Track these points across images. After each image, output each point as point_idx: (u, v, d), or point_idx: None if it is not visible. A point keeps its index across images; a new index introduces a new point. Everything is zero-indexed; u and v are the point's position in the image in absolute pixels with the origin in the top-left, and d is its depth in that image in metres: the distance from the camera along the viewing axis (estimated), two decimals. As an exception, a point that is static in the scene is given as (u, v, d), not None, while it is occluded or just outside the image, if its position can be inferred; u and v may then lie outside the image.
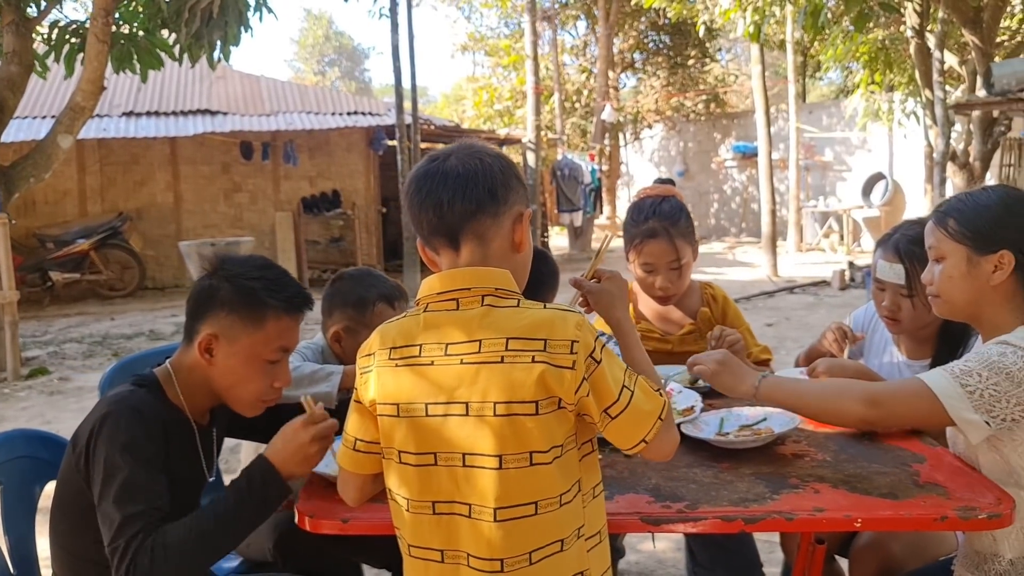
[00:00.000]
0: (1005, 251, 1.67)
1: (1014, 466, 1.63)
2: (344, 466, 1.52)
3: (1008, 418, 1.57)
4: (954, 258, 1.73)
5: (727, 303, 2.60)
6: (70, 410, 5.97)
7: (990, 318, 1.72)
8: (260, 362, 1.71)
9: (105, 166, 12.53)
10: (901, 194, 14.98)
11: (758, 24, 8.93)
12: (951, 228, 1.73)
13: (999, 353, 1.59)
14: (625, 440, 1.39)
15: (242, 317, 1.68)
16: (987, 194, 1.76)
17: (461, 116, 24.16)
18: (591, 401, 1.34)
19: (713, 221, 19.81)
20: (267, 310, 1.69)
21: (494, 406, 1.32)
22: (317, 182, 13.05)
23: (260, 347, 1.70)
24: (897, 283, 2.17)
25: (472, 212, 1.40)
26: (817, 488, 1.62)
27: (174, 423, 1.70)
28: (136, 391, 1.67)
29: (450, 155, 1.45)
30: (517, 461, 1.32)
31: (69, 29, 6.70)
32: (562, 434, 1.34)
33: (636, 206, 2.49)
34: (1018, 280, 1.69)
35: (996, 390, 1.56)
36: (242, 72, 14.45)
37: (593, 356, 1.34)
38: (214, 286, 1.70)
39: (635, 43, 21.34)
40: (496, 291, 1.39)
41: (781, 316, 9.04)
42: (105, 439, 1.56)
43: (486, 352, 1.33)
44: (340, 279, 2.38)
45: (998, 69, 9.04)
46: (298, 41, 46.88)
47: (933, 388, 1.61)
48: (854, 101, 14.52)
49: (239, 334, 1.69)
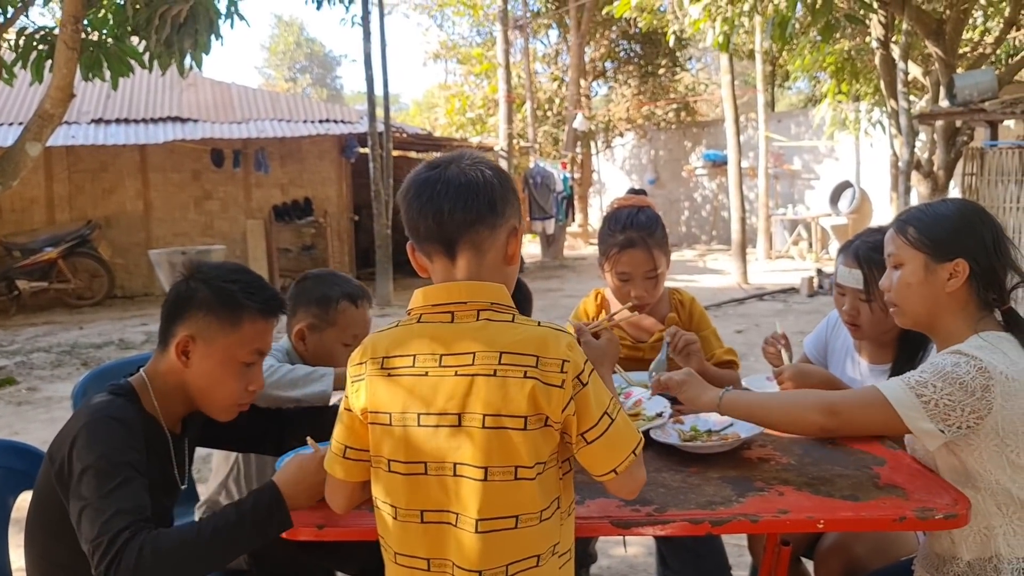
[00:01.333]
0: (960, 259, 1.74)
1: (971, 469, 1.69)
2: (333, 474, 1.52)
3: (963, 426, 1.63)
4: (912, 265, 1.79)
5: (694, 306, 2.64)
6: (39, 420, 5.90)
7: (944, 326, 1.78)
8: (235, 364, 1.73)
9: (74, 173, 12.40)
10: (868, 202, 15.21)
11: (727, 34, 9.04)
12: (910, 236, 1.80)
13: (953, 363, 1.65)
14: (596, 466, 1.41)
15: (219, 318, 1.71)
16: (946, 205, 1.84)
17: (433, 124, 24.18)
18: (574, 421, 1.37)
19: (684, 229, 19.97)
20: (244, 312, 1.72)
21: (483, 418, 1.34)
22: (289, 190, 13.01)
23: (236, 349, 1.72)
24: (856, 288, 2.24)
25: (472, 222, 1.43)
26: (781, 491, 1.67)
27: (150, 431, 1.70)
28: (113, 400, 1.67)
29: (451, 163, 1.47)
30: (503, 474, 1.34)
31: (37, 36, 6.64)
32: (547, 451, 1.37)
33: (612, 216, 2.52)
34: (971, 289, 1.75)
35: (950, 400, 1.62)
36: (213, 79, 14.38)
37: (580, 378, 1.37)
38: (192, 288, 1.72)
39: (606, 52, 21.50)
40: (492, 305, 1.42)
41: (751, 323, 9.14)
42: (86, 448, 1.56)
43: (479, 364, 1.35)
44: (304, 279, 2.41)
45: (960, 80, 9.23)
46: (269, 48, 46.65)
47: (889, 398, 1.67)
48: (822, 110, 14.73)
49: (216, 335, 1.71)
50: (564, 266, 16.01)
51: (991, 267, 1.75)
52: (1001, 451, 1.64)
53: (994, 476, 1.66)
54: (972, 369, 1.62)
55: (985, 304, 1.76)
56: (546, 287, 12.81)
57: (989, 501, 1.65)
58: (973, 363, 1.63)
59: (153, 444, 1.70)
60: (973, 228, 1.76)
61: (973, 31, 12.72)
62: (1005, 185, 8.56)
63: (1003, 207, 8.58)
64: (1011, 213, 8.52)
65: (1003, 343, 1.69)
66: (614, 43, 21.53)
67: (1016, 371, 1.63)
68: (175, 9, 6.05)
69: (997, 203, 8.61)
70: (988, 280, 1.75)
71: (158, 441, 1.73)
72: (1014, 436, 1.63)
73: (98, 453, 1.55)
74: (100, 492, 1.50)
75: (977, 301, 1.76)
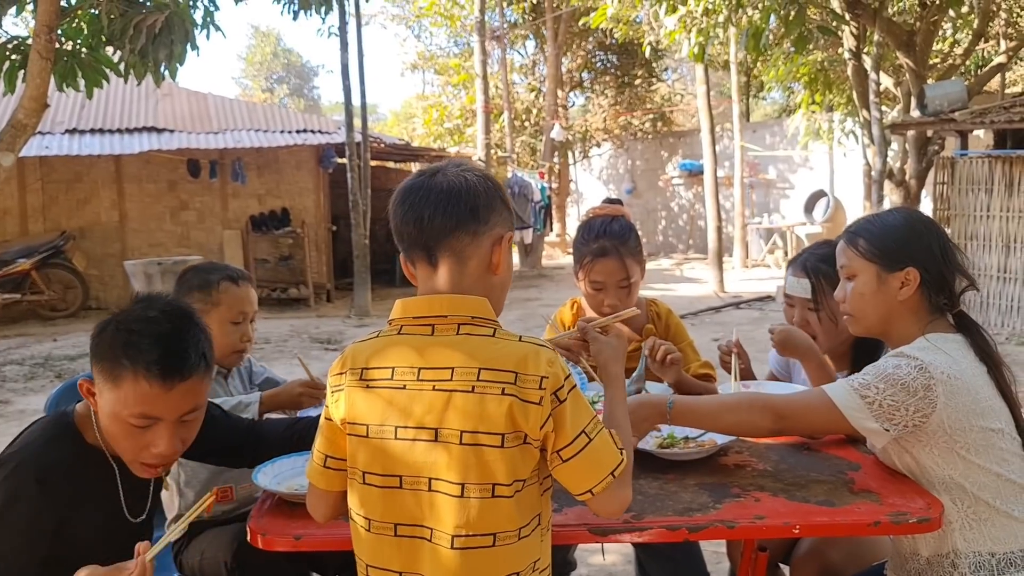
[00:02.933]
0: (911, 268, 1.79)
1: (924, 466, 1.73)
2: (315, 483, 1.51)
3: (908, 424, 1.67)
4: (865, 275, 1.85)
5: (670, 317, 2.66)
6: (10, 434, 5.77)
7: (898, 331, 1.84)
8: (123, 423, 1.54)
9: (47, 184, 12.27)
10: (842, 211, 15.38)
11: (702, 45, 9.13)
12: (861, 247, 1.85)
13: (894, 365, 1.70)
14: (573, 485, 1.40)
15: (102, 371, 1.55)
16: (893, 215, 1.90)
17: (411, 134, 24.17)
18: (552, 437, 1.36)
19: (661, 238, 20.08)
20: (122, 370, 1.52)
21: (460, 434, 1.33)
22: (266, 200, 12.94)
23: (119, 407, 1.54)
24: (804, 297, 2.29)
25: (450, 228, 1.42)
26: (758, 496, 1.69)
27: (89, 468, 1.62)
28: (50, 438, 1.60)
29: (438, 171, 1.47)
30: (479, 491, 1.33)
31: (10, 46, 6.58)
32: (526, 469, 1.36)
33: (586, 225, 2.54)
34: (922, 295, 1.81)
35: (894, 400, 1.66)
36: (189, 89, 14.28)
37: (558, 394, 1.35)
38: (102, 326, 1.58)
39: (583, 63, 21.61)
40: (472, 319, 1.41)
41: (727, 331, 9.17)
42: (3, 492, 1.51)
43: (458, 380, 1.35)
44: (186, 271, 2.43)
45: (931, 91, 9.38)
46: (246, 58, 46.38)
47: (834, 400, 1.71)
48: (796, 120, 14.91)
49: (102, 387, 1.55)
50: (542, 275, 16.04)
51: (940, 274, 1.81)
52: (951, 448, 1.69)
53: (947, 472, 1.70)
54: (913, 370, 1.67)
55: (936, 309, 1.82)
56: (524, 296, 12.84)
57: (944, 497, 1.69)
58: (914, 363, 1.68)
59: (95, 481, 1.62)
60: (921, 237, 1.82)
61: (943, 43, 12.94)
62: (976, 194, 8.70)
63: (974, 215, 8.71)
64: (982, 221, 8.65)
65: (948, 344, 1.74)
66: (591, 54, 21.65)
67: (958, 370, 1.68)
68: (150, 19, 6.01)
69: (968, 211, 8.75)
70: (938, 286, 1.81)
71: (99, 476, 1.63)
72: (962, 433, 1.67)
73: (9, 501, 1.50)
74: None
75: (928, 306, 1.81)
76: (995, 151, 8.78)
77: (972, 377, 1.70)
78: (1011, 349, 7.57)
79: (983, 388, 1.71)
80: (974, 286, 1.86)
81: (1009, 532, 1.68)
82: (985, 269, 8.54)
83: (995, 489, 1.69)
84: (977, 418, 1.68)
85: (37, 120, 6.32)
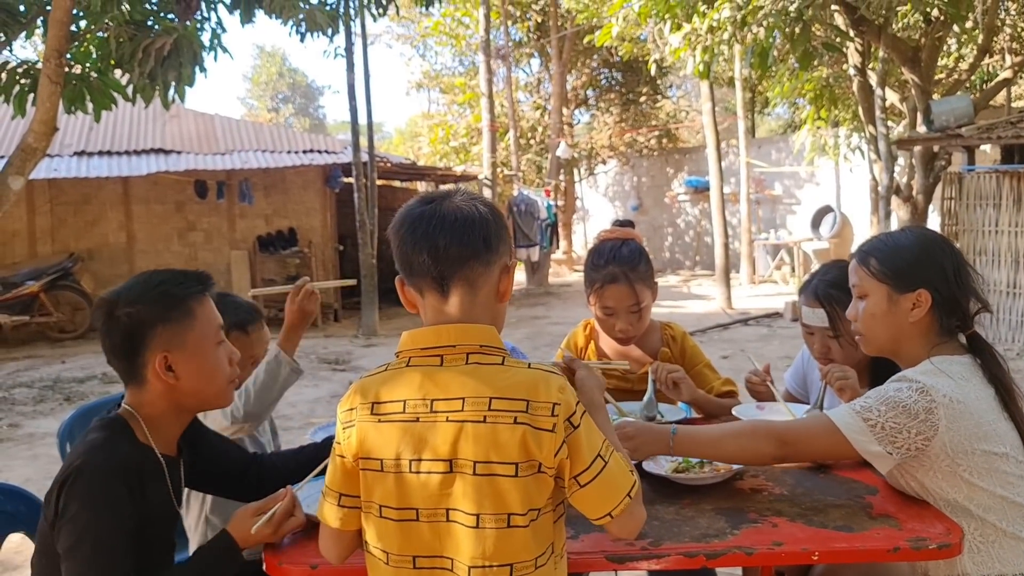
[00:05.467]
0: (923, 290, 1.78)
1: (929, 489, 1.72)
2: (328, 523, 1.48)
3: (911, 448, 1.66)
4: (876, 296, 1.84)
5: (685, 341, 2.66)
6: (21, 458, 5.82)
7: (908, 352, 1.83)
8: (212, 349, 1.74)
9: (56, 206, 12.33)
10: (849, 226, 15.35)
11: (708, 62, 9.15)
12: (873, 267, 1.84)
13: (895, 389, 1.69)
14: (591, 510, 1.39)
15: (175, 320, 1.69)
16: (906, 235, 1.89)
17: (417, 153, 24.26)
18: (567, 464, 1.35)
19: (667, 254, 20.07)
20: (189, 301, 1.72)
21: (474, 464, 1.33)
22: (273, 220, 12.98)
23: (204, 335, 1.73)
24: (822, 327, 2.27)
25: (467, 258, 1.41)
26: (775, 522, 1.67)
27: (146, 465, 1.69)
28: (109, 439, 1.65)
29: (445, 199, 1.46)
30: (495, 521, 1.32)
31: (20, 70, 6.63)
32: (541, 498, 1.35)
33: (596, 250, 2.54)
34: (934, 317, 1.79)
35: (896, 423, 1.65)
36: (196, 111, 14.37)
37: (571, 420, 1.35)
38: (130, 316, 1.67)
39: (588, 80, 21.69)
40: (481, 348, 1.40)
41: (736, 348, 9.17)
42: (75, 497, 1.55)
43: (469, 411, 1.34)
44: None
45: (937, 106, 9.38)
46: (251, 78, 46.72)
47: (838, 424, 1.70)
48: (801, 136, 14.91)
49: (184, 337, 1.70)
50: (549, 293, 16.03)
51: (952, 296, 1.79)
52: (954, 471, 1.67)
53: (952, 495, 1.69)
54: (914, 393, 1.66)
55: (947, 330, 1.81)
56: (531, 314, 12.82)
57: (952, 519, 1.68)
58: (915, 387, 1.67)
59: (150, 477, 1.69)
60: (934, 258, 1.81)
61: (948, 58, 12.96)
62: (983, 209, 8.68)
63: (982, 230, 8.69)
64: (990, 236, 8.63)
65: (953, 366, 1.72)
66: (595, 71, 21.74)
67: (961, 394, 1.67)
68: (159, 42, 6.06)
69: (976, 227, 8.73)
70: (950, 308, 1.80)
71: (155, 472, 1.71)
72: (964, 456, 1.66)
73: (88, 504, 1.55)
74: (84, 553, 1.52)
75: (939, 328, 1.80)
76: (1002, 166, 8.77)
77: (976, 400, 1.69)
78: (1022, 365, 7.52)
79: (987, 412, 1.69)
80: (987, 308, 1.84)
81: (1018, 554, 1.67)
82: (994, 285, 8.50)
83: (1001, 511, 1.67)
84: (980, 442, 1.66)
85: (47, 144, 6.35)
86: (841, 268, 2.31)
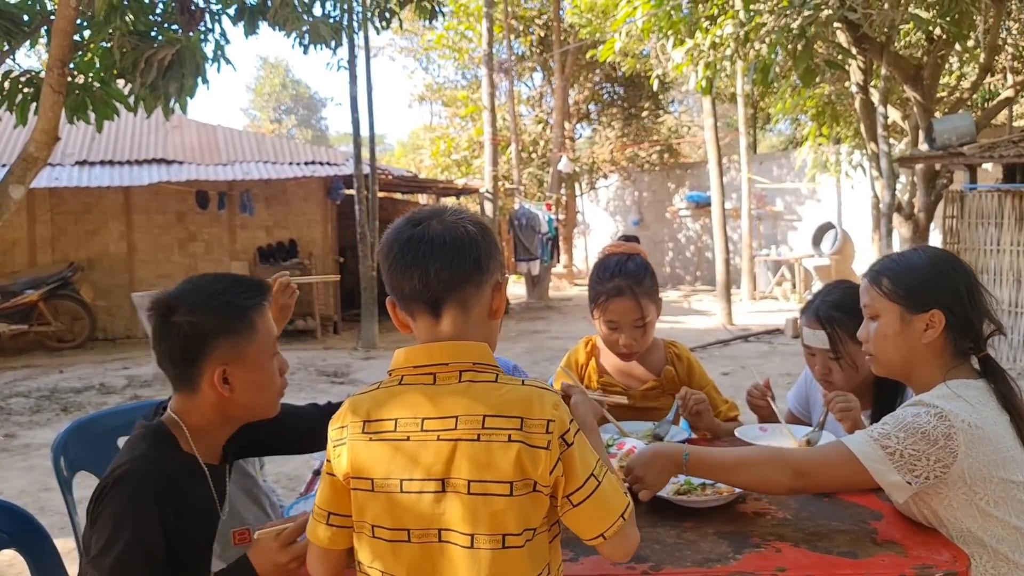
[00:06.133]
0: (936, 311, 1.75)
1: (943, 518, 1.68)
2: (317, 542, 1.46)
3: (930, 476, 1.63)
4: (888, 316, 1.80)
5: (692, 362, 2.64)
6: (16, 469, 5.78)
7: (920, 375, 1.79)
8: (269, 360, 1.74)
9: (56, 215, 12.32)
10: (850, 243, 15.34)
11: (710, 78, 9.16)
12: (885, 287, 1.81)
13: (913, 414, 1.65)
14: (584, 530, 1.37)
15: (238, 333, 1.69)
16: (918, 255, 1.85)
17: (419, 165, 24.29)
18: (562, 482, 1.33)
19: (668, 269, 20.06)
20: (252, 312, 1.71)
21: (468, 484, 1.31)
22: (274, 231, 12.98)
23: (263, 348, 1.73)
24: (824, 348, 2.25)
25: (459, 282, 1.39)
26: (779, 547, 1.64)
27: (189, 475, 1.69)
28: (152, 449, 1.66)
29: (433, 219, 1.42)
30: (489, 542, 1.30)
31: (23, 79, 6.63)
32: (537, 517, 1.33)
33: (601, 264, 2.53)
34: (947, 338, 1.76)
35: (915, 450, 1.62)
36: (198, 121, 14.39)
37: (565, 438, 1.33)
38: (194, 324, 1.66)
39: (590, 95, 21.75)
40: (474, 366, 1.38)
41: (736, 364, 9.14)
42: (107, 508, 1.57)
43: (462, 429, 1.32)
44: None
45: (939, 125, 9.39)
46: (254, 89, 46.85)
47: (856, 453, 1.66)
48: (803, 153, 14.92)
49: (244, 350, 1.69)
50: (549, 307, 16.00)
51: (966, 317, 1.76)
52: (971, 499, 1.64)
53: (966, 525, 1.65)
54: (933, 418, 1.63)
55: (961, 352, 1.77)
56: (532, 328, 12.80)
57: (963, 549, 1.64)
58: (933, 412, 1.64)
59: (192, 487, 1.69)
60: (947, 278, 1.78)
61: (950, 76, 12.98)
62: (985, 228, 8.67)
63: (983, 249, 8.68)
64: (991, 255, 8.61)
65: (969, 391, 1.69)
66: (598, 86, 21.79)
67: (979, 419, 1.64)
68: (161, 53, 6.06)
69: (978, 245, 8.72)
70: (964, 330, 1.76)
71: (197, 481, 1.72)
72: (982, 484, 1.63)
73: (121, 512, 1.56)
74: (110, 561, 1.53)
75: (953, 350, 1.77)
76: (1004, 185, 8.76)
77: (993, 426, 1.65)
78: (1024, 384, 7.49)
79: (1005, 438, 1.66)
80: (1000, 330, 1.81)
81: None
82: (996, 304, 8.47)
83: (1014, 542, 1.64)
84: (998, 469, 1.63)
85: (48, 153, 6.34)
86: (844, 289, 2.29)
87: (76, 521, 2.38)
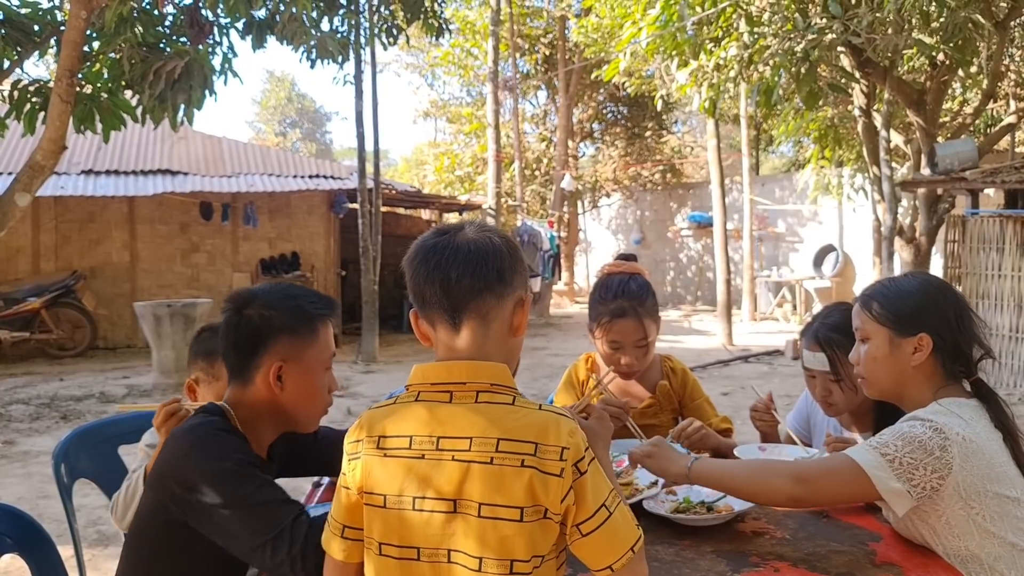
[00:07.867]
0: (924, 334, 1.79)
1: (940, 536, 1.69)
2: (333, 555, 1.45)
3: (927, 487, 1.64)
4: (877, 339, 1.84)
5: (686, 375, 2.64)
6: (15, 475, 5.77)
7: (911, 396, 1.82)
8: (321, 373, 1.80)
9: (61, 224, 12.36)
10: (851, 266, 15.37)
11: (713, 100, 9.20)
12: (875, 311, 1.85)
13: (910, 426, 1.69)
14: (592, 560, 1.34)
15: (301, 335, 1.76)
16: (909, 280, 1.89)
17: (422, 180, 24.36)
18: (573, 510, 1.31)
19: (669, 289, 20.07)
20: (317, 322, 1.79)
21: (479, 507, 1.29)
22: (277, 244, 13.01)
23: (319, 358, 1.79)
24: (823, 370, 2.26)
25: (479, 290, 1.38)
26: (777, 567, 1.64)
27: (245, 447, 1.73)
28: (213, 420, 1.70)
29: (460, 230, 1.43)
30: (497, 567, 1.28)
31: (31, 88, 6.67)
32: (546, 545, 1.31)
33: (603, 284, 2.53)
34: (936, 362, 1.79)
35: (912, 458, 1.64)
36: (204, 133, 14.46)
37: (578, 466, 1.30)
38: (264, 317, 1.75)
39: (594, 113, 21.85)
40: (492, 387, 1.37)
41: (736, 385, 9.13)
42: (209, 460, 1.60)
43: (476, 451, 1.30)
44: (202, 331, 2.38)
45: (941, 149, 9.41)
46: (260, 102, 47.03)
47: (859, 461, 1.67)
48: (805, 175, 14.96)
49: (303, 353, 1.77)
50: (550, 324, 16.01)
51: (955, 341, 1.79)
52: (968, 515, 1.65)
53: (963, 543, 1.66)
54: (928, 430, 1.65)
55: (951, 375, 1.80)
56: (532, 345, 12.80)
57: (960, 570, 1.65)
58: (928, 424, 1.66)
59: None
60: (936, 303, 1.81)
61: (953, 101, 13.03)
62: (987, 252, 8.68)
63: (985, 274, 8.69)
64: (993, 280, 8.62)
65: (962, 408, 1.72)
66: (601, 105, 21.90)
67: (973, 433, 1.66)
68: (170, 65, 6.10)
69: (979, 270, 8.73)
70: (953, 353, 1.79)
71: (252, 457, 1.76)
72: (977, 498, 1.64)
73: (226, 462, 1.60)
74: (250, 492, 1.57)
75: (943, 373, 1.80)
76: (1006, 211, 8.78)
77: (987, 441, 1.68)
78: None
79: (998, 453, 1.68)
80: (990, 355, 1.84)
81: None
82: (997, 329, 8.48)
83: (1010, 560, 1.65)
84: (992, 483, 1.65)
85: (55, 162, 6.38)
86: (843, 312, 2.30)
87: (75, 528, 2.39)
